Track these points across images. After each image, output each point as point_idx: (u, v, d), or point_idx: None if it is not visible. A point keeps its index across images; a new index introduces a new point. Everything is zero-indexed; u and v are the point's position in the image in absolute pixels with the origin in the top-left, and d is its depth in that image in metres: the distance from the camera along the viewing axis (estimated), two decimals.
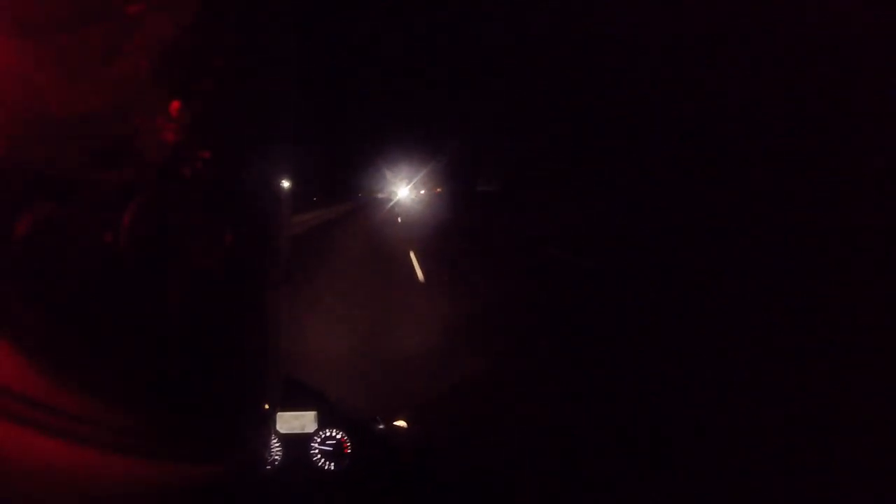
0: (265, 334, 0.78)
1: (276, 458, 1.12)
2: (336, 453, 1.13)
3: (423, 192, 27.75)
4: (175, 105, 0.54)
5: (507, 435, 2.31)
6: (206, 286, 0.58)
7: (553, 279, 6.82)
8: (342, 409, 1.21)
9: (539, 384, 3.12)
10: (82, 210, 0.47)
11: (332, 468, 1.12)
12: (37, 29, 0.42)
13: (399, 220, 17.08)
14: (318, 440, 1.14)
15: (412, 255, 8.30)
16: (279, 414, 1.16)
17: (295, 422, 1.17)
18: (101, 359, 0.45)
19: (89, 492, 0.41)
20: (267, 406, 0.98)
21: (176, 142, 0.55)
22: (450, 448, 1.43)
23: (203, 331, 0.59)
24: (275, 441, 1.13)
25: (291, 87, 0.80)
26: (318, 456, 1.14)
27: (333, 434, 1.15)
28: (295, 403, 1.19)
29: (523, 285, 6.33)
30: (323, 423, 1.16)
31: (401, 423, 1.33)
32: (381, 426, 1.28)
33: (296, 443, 1.14)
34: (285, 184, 0.85)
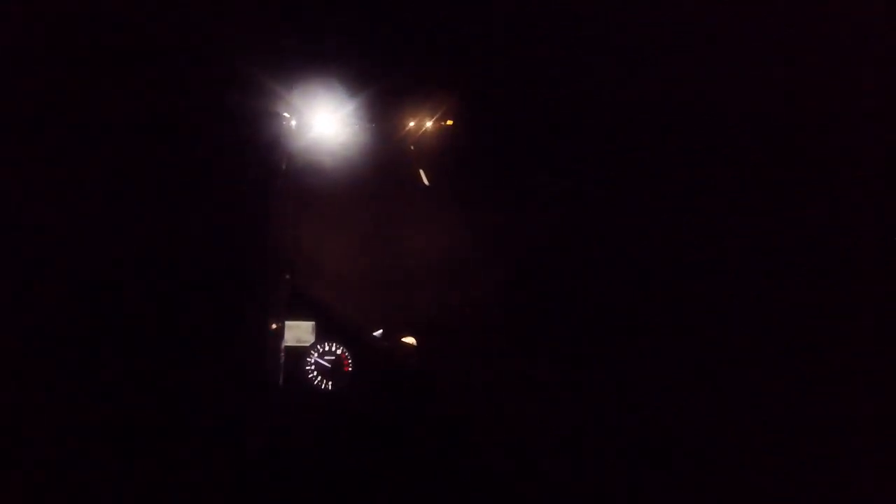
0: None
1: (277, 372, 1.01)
2: (334, 370, 1.02)
3: None
4: None
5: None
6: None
7: None
8: (342, 320, 1.09)
9: None
10: None
11: (329, 388, 1.02)
12: None
13: None
14: (316, 354, 1.04)
15: None
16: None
17: (289, 333, 1.02)
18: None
19: None
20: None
21: None
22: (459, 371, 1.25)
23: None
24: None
25: None
26: (315, 373, 1.04)
27: (332, 349, 1.04)
28: (292, 313, 1.04)
29: None
30: (321, 335, 1.05)
31: (409, 340, 1.19)
32: (386, 342, 1.16)
33: (292, 356, 1.02)
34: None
